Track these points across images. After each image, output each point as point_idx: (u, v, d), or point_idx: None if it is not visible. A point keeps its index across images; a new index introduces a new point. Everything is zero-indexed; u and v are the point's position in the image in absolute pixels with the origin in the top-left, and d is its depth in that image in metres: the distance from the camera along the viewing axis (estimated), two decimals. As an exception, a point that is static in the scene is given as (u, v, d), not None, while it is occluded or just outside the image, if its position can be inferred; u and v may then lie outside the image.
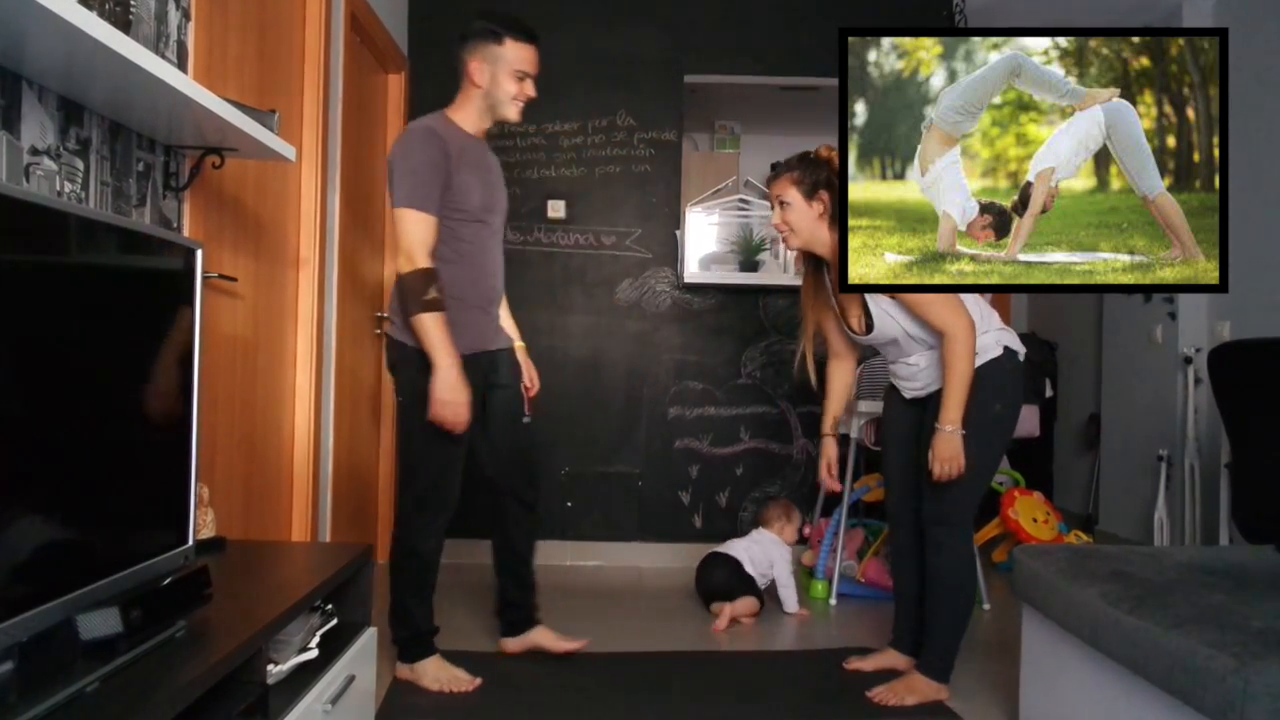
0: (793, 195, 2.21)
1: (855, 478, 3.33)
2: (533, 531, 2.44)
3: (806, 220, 2.21)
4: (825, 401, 2.46)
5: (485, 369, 2.24)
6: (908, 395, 2.30)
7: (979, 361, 2.11)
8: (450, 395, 2.03)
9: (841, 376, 2.45)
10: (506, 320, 2.44)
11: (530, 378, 2.44)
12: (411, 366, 2.12)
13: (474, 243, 2.20)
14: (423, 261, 2.05)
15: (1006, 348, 2.17)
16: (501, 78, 2.18)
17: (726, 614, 2.85)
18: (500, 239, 2.33)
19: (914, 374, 2.25)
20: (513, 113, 2.23)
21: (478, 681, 2.21)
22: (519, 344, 2.45)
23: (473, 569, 3.29)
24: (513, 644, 2.45)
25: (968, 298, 2.18)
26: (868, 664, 2.43)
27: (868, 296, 2.18)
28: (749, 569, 2.98)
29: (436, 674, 2.20)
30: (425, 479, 2.17)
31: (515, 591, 2.43)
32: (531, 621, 2.46)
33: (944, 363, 2.10)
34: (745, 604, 2.91)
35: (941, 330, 2.09)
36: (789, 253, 3.64)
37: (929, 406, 2.18)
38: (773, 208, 2.26)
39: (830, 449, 2.43)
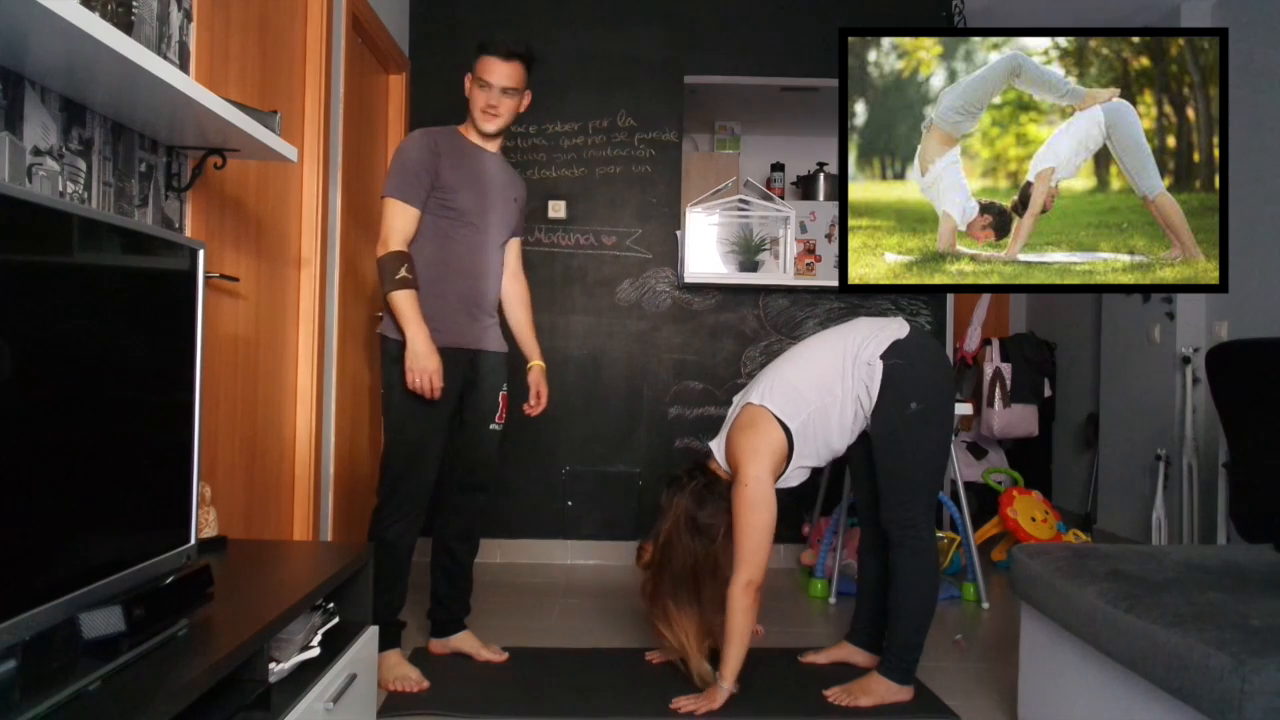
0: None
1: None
2: (471, 533, 2.43)
3: None
4: None
5: (464, 367, 2.30)
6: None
7: (878, 376, 2.12)
8: (420, 362, 2.12)
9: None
10: (527, 338, 2.53)
11: (538, 396, 2.49)
12: (389, 357, 2.23)
13: (463, 245, 2.29)
14: (395, 245, 2.17)
15: (891, 343, 2.14)
16: (474, 89, 2.30)
17: None
18: (495, 249, 2.39)
19: (855, 419, 2.21)
20: (481, 121, 2.30)
21: (425, 684, 2.19)
22: (538, 364, 2.51)
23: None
24: (436, 645, 2.45)
25: (824, 370, 2.17)
26: (822, 657, 2.46)
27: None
28: None
29: (391, 668, 2.20)
30: (397, 464, 2.23)
31: (446, 590, 2.43)
32: (458, 625, 2.46)
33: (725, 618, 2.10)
34: None
35: (736, 564, 2.12)
36: (789, 253, 3.65)
37: (879, 409, 2.16)
38: None
39: None
